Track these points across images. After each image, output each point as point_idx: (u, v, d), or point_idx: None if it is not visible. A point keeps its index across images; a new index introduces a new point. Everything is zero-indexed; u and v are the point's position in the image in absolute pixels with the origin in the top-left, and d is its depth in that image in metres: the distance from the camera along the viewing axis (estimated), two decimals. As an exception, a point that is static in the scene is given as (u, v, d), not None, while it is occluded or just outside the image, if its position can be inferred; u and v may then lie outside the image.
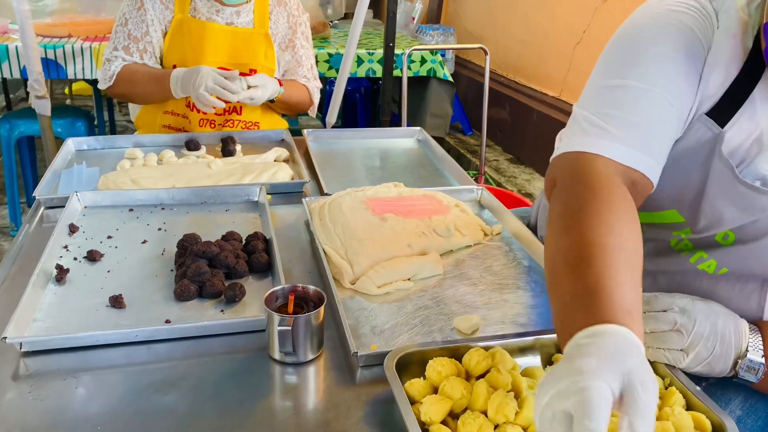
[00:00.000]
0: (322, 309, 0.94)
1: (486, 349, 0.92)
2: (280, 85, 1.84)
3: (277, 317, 0.91)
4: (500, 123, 4.14)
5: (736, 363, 0.91)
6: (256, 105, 1.84)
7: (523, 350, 0.97)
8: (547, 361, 0.97)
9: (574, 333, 0.71)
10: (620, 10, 3.16)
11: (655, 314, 0.91)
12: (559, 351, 0.96)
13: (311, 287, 0.99)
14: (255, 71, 1.91)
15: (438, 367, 0.86)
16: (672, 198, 1.02)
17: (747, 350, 0.91)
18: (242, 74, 1.91)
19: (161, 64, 1.92)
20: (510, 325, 1.06)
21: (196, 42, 1.86)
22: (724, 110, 0.95)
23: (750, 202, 0.95)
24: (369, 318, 1.06)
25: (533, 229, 1.42)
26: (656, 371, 0.91)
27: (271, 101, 1.88)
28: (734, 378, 0.93)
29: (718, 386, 1.01)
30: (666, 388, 0.88)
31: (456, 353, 0.92)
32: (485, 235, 1.34)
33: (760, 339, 0.92)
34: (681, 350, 0.89)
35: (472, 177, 2.23)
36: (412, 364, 0.91)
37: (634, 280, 0.78)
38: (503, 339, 0.95)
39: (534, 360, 0.97)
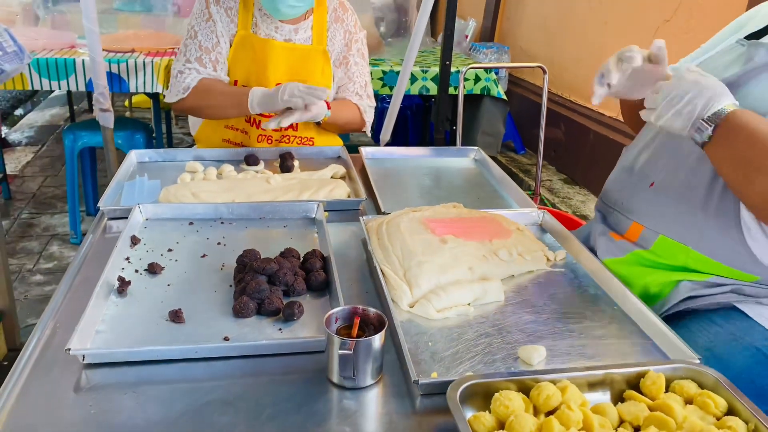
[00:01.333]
0: (383, 333, 0.92)
1: (554, 382, 0.88)
2: (328, 107, 1.79)
3: (338, 340, 0.89)
4: (554, 142, 4.06)
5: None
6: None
7: (592, 385, 0.92)
8: (618, 398, 0.92)
9: None
10: (682, 30, 3.08)
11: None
12: (631, 387, 0.92)
13: (372, 309, 0.97)
14: None
15: (505, 401, 0.82)
16: None
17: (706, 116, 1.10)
18: None
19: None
20: (577, 357, 1.01)
21: (260, 59, 1.88)
22: None
23: None
24: (428, 343, 1.03)
25: (594, 251, 1.37)
26: (739, 414, 0.85)
27: (317, 123, 1.87)
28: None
29: None
30: (751, 435, 0.82)
31: (522, 385, 0.88)
32: (548, 260, 1.30)
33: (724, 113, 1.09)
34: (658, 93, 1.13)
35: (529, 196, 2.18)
36: (475, 395, 0.87)
37: None
38: (572, 372, 0.91)
39: (603, 396, 0.92)
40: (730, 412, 0.87)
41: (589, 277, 1.26)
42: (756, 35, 1.27)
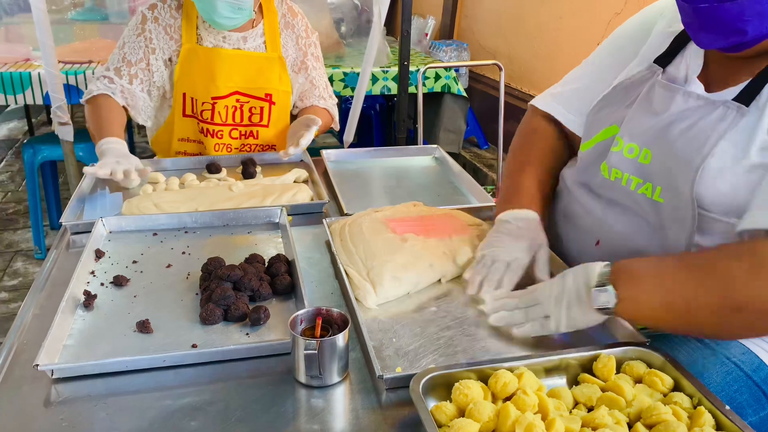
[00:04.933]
0: (347, 332, 0.95)
1: (511, 370, 0.92)
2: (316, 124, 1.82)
3: (303, 341, 0.92)
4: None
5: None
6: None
7: (548, 370, 0.97)
8: (573, 381, 0.97)
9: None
10: (634, 22, 3.17)
11: (522, 296, 1.08)
12: (585, 370, 0.97)
13: (335, 310, 1.00)
14: (271, 95, 1.94)
15: (464, 390, 0.86)
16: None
17: (594, 284, 1.00)
18: (260, 99, 1.93)
19: (170, 92, 1.93)
20: (533, 346, 1.05)
21: (206, 69, 1.88)
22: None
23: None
24: (392, 340, 1.06)
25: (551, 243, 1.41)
26: (684, 390, 0.91)
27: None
28: (601, 312, 1.00)
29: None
30: (695, 408, 0.87)
31: (482, 375, 0.92)
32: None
33: (609, 270, 1.01)
34: (545, 317, 1.03)
35: (489, 192, 2.24)
36: (437, 387, 0.91)
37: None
38: (528, 359, 0.95)
39: (560, 381, 0.97)
40: (677, 389, 0.93)
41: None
42: (665, 56, 1.18)
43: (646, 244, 1.13)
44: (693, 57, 1.14)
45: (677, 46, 1.17)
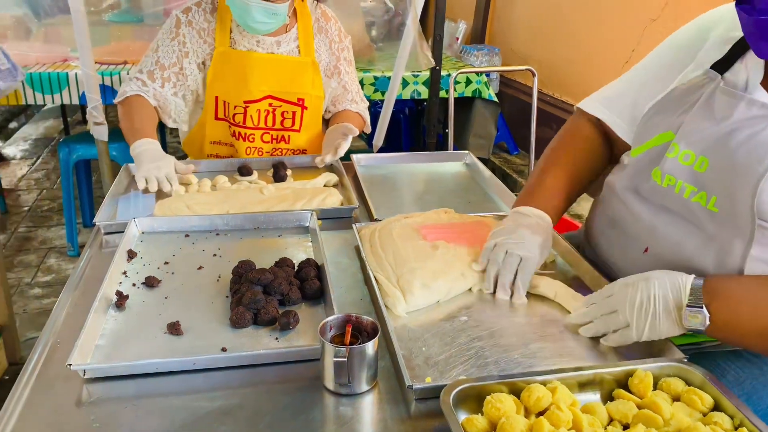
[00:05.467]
0: (377, 340, 0.94)
1: (544, 384, 0.90)
2: (353, 132, 1.83)
3: (332, 348, 0.91)
4: (547, 142, 4.09)
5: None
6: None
7: (582, 385, 0.94)
8: (608, 397, 0.94)
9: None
10: (670, 29, 3.10)
11: (600, 302, 1.07)
12: (620, 386, 0.94)
13: (365, 317, 0.99)
14: (303, 100, 1.94)
15: (496, 404, 0.85)
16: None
17: (687, 303, 0.99)
18: (292, 103, 1.94)
19: (203, 95, 1.94)
20: (567, 358, 1.03)
21: (240, 73, 1.89)
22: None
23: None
24: (422, 348, 1.05)
25: (583, 252, 1.39)
26: (725, 410, 0.88)
27: None
28: (689, 331, 1.00)
29: None
30: (736, 429, 0.84)
31: (514, 388, 0.91)
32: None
33: (701, 286, 0.99)
34: (626, 326, 1.02)
35: (520, 199, 2.21)
36: (468, 399, 0.89)
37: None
38: (562, 373, 0.93)
39: (594, 396, 0.94)
40: (717, 408, 0.90)
41: (579, 279, 1.29)
42: (723, 62, 1.15)
43: (698, 253, 1.10)
44: (754, 64, 1.10)
45: (736, 52, 1.14)
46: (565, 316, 1.14)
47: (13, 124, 5.61)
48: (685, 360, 0.98)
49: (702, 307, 0.98)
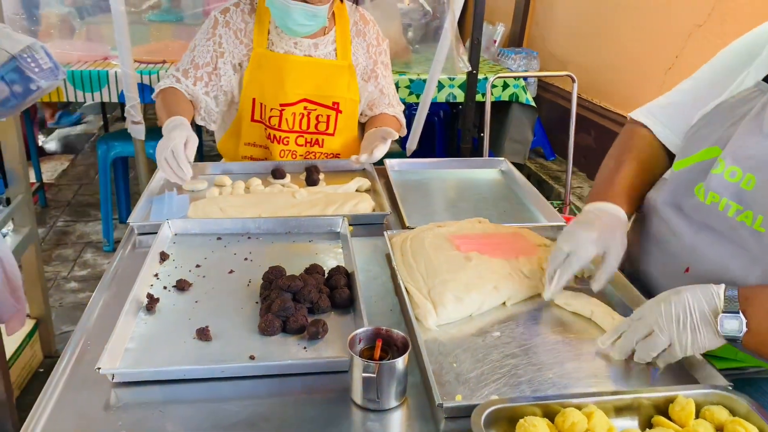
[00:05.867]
0: (407, 356, 0.92)
1: (579, 407, 0.87)
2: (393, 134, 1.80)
3: (361, 363, 0.90)
4: (585, 149, 4.01)
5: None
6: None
7: (619, 410, 0.91)
8: (646, 424, 0.91)
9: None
10: (716, 35, 3.01)
11: (632, 327, 1.02)
12: (659, 413, 0.90)
13: (395, 331, 0.97)
14: (338, 104, 1.93)
15: (529, 428, 0.82)
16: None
17: (722, 309, 0.96)
18: (327, 107, 1.92)
19: (238, 96, 1.94)
20: (604, 379, 1.00)
21: (276, 75, 1.88)
22: None
23: None
24: (453, 364, 1.02)
25: (623, 266, 1.34)
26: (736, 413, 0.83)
27: None
28: (729, 341, 0.96)
29: None
30: None
31: (548, 410, 0.87)
32: (576, 277, 1.28)
33: (736, 294, 0.96)
34: (669, 346, 0.98)
35: (556, 207, 2.16)
36: (500, 420, 0.87)
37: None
38: (599, 397, 0.90)
39: (631, 422, 0.90)
40: (763, 440, 0.85)
41: (616, 295, 1.25)
42: None
43: (743, 274, 1.05)
44: None
45: None
46: (599, 338, 1.09)
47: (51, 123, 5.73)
48: (730, 387, 0.93)
49: (738, 312, 0.95)
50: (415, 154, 3.06)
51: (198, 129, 4.43)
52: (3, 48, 1.80)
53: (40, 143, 4.98)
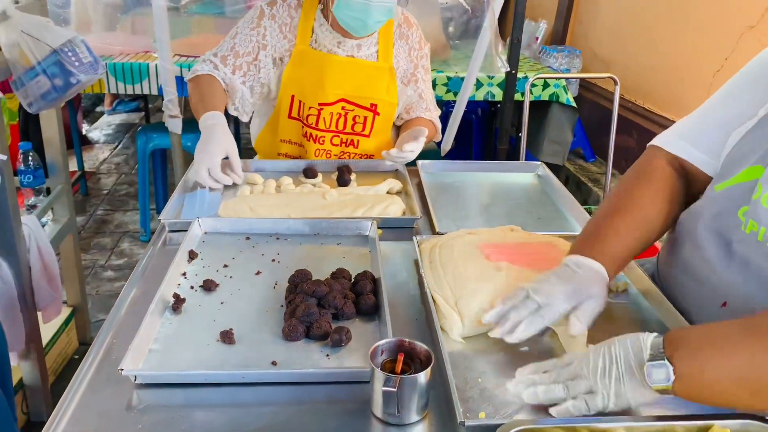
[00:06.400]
0: (429, 370, 0.89)
1: (608, 433, 0.83)
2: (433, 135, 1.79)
3: (382, 376, 0.88)
4: (626, 151, 3.91)
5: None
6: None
7: (650, 437, 0.87)
8: (679, 453, 0.86)
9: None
10: (770, 36, 2.89)
11: (558, 370, 0.94)
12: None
13: (418, 344, 0.94)
14: (376, 105, 1.90)
15: (554, 454, 0.79)
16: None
17: (648, 357, 0.88)
18: (365, 108, 1.90)
19: (275, 91, 1.93)
20: (634, 404, 0.95)
21: (317, 74, 1.87)
22: None
23: None
24: (478, 380, 0.99)
25: (656, 282, 1.28)
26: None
27: None
28: (659, 392, 0.87)
29: None
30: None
31: (574, 434, 0.84)
32: (609, 290, 1.23)
33: (661, 341, 0.89)
34: (589, 392, 0.90)
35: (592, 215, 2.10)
36: (523, 442, 0.84)
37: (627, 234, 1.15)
38: (628, 422, 0.86)
39: (663, 450, 0.87)
40: (805, 478, 0.80)
41: (652, 312, 1.20)
42: None
43: None
44: None
45: None
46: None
47: (99, 109, 5.86)
48: (770, 418, 0.88)
49: (664, 359, 0.86)
50: (451, 154, 3.02)
51: (236, 122, 4.47)
52: (45, 42, 1.84)
53: (83, 132, 5.10)
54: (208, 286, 1.23)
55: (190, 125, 3.31)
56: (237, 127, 4.51)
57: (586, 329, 1.04)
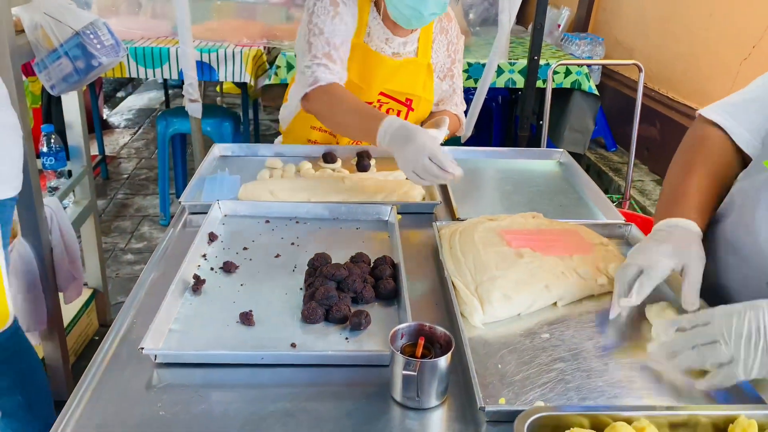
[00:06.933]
0: (450, 355, 0.89)
1: (630, 421, 0.82)
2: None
3: (402, 360, 0.87)
4: (648, 140, 3.85)
5: None
6: None
7: (674, 427, 0.85)
8: (703, 443, 0.85)
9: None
10: (801, 24, 2.82)
11: (694, 330, 0.93)
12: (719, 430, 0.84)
13: (439, 328, 0.94)
14: (411, 101, 1.88)
15: (576, 441, 0.77)
16: None
17: None
18: (400, 102, 1.88)
19: None
20: (658, 392, 0.94)
21: (368, 70, 1.81)
22: None
23: None
24: (498, 366, 0.98)
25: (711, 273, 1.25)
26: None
27: None
28: None
29: None
30: None
31: (596, 422, 0.83)
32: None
33: None
34: (729, 362, 0.88)
35: (615, 202, 2.07)
36: (544, 428, 0.82)
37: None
38: (652, 411, 0.84)
39: (687, 440, 0.85)
40: (834, 471, 0.79)
41: (677, 301, 1.18)
42: None
43: None
44: None
45: None
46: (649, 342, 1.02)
47: (120, 94, 5.91)
48: (799, 409, 0.86)
49: None
50: (471, 141, 3.00)
51: (255, 106, 4.48)
52: (67, 24, 1.84)
53: (104, 117, 5.14)
54: (228, 268, 1.23)
55: (211, 111, 3.32)
56: (256, 113, 4.51)
57: (698, 300, 1.05)
